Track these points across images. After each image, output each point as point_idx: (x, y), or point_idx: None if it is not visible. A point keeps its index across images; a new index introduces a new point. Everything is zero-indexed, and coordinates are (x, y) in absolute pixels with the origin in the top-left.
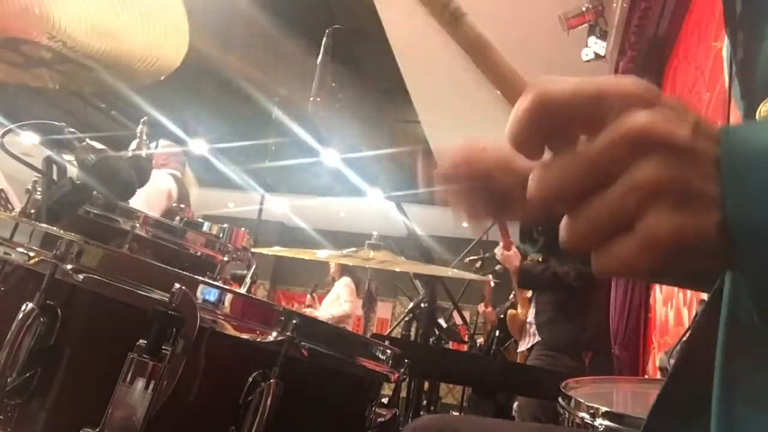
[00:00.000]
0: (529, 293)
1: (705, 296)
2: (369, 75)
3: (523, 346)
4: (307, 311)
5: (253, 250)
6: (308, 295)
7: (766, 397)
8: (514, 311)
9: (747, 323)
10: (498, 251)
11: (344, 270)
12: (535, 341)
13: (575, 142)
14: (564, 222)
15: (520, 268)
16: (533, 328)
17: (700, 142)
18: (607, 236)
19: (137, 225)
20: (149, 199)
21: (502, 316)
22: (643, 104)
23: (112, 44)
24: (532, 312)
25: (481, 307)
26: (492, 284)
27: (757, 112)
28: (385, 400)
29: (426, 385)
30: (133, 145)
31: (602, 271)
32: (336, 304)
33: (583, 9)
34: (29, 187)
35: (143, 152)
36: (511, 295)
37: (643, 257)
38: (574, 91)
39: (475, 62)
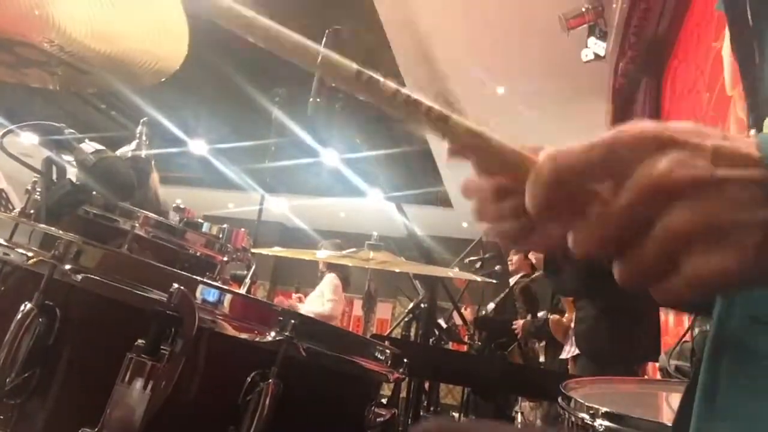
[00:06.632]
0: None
1: None
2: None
3: (564, 354)
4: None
5: (252, 250)
6: (293, 294)
7: (746, 385)
8: (557, 316)
9: (735, 323)
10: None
11: (331, 264)
12: (578, 352)
13: (597, 193)
14: (615, 266)
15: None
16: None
17: (723, 170)
18: (657, 277)
19: (137, 225)
20: None
21: (541, 320)
22: (655, 148)
23: (112, 47)
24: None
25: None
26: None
27: (765, 126)
28: (384, 400)
29: (426, 385)
30: (133, 145)
31: (662, 303)
32: (319, 302)
33: (583, 9)
34: (29, 188)
35: (142, 152)
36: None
37: (694, 294)
38: (584, 155)
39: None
